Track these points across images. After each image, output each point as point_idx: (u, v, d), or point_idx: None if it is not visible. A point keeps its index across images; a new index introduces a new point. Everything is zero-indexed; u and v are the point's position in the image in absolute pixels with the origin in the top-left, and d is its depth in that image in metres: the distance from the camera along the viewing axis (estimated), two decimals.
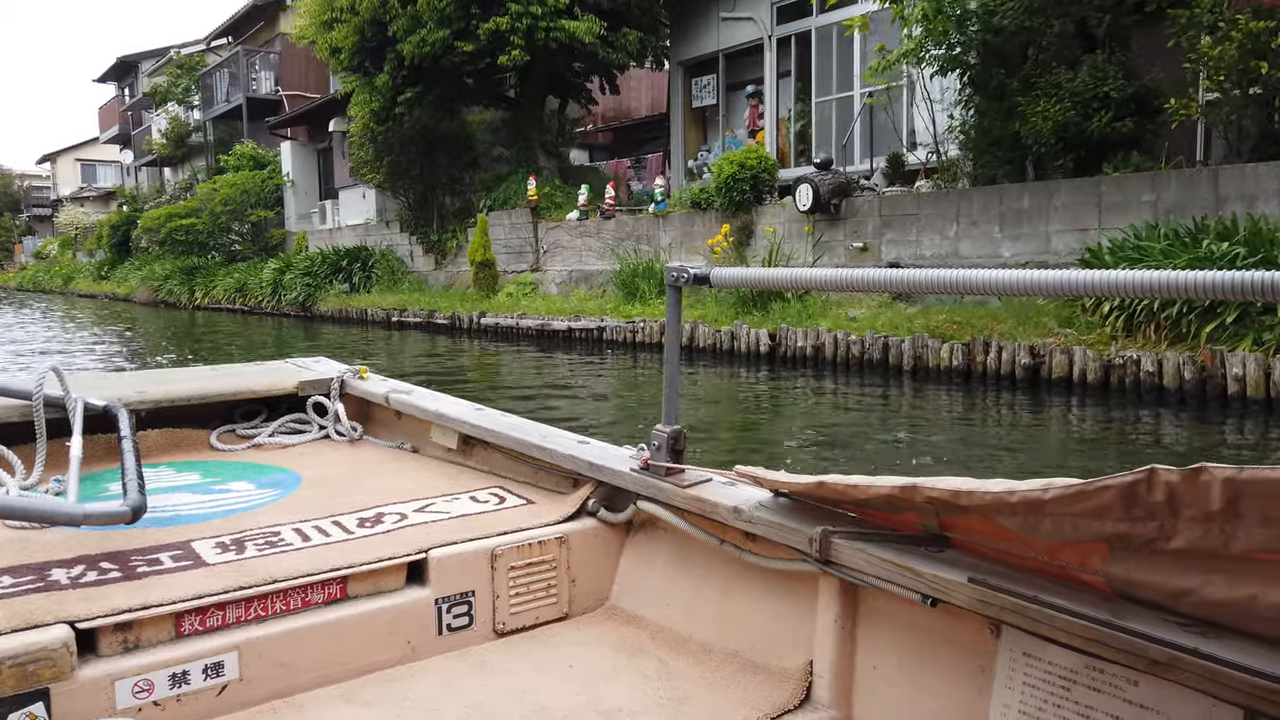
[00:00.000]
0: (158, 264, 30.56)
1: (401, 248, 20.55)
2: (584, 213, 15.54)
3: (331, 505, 2.04)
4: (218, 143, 33.51)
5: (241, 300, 23.31)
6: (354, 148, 20.00)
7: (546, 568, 1.87)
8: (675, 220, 13.83)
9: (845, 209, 11.21)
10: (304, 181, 26.88)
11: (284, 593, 1.61)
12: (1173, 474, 1.05)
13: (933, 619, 1.41)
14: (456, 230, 19.17)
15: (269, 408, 2.85)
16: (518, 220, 16.90)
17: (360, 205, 23.53)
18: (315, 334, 17.76)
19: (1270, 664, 1.03)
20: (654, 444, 1.87)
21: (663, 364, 1.92)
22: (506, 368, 11.71)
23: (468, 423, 2.40)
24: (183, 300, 26.20)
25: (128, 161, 43.93)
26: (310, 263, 20.48)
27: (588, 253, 15.36)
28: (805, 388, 9.02)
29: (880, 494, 1.39)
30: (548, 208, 16.55)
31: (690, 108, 17.51)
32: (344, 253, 20.49)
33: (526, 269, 16.69)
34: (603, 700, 1.56)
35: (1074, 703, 1.23)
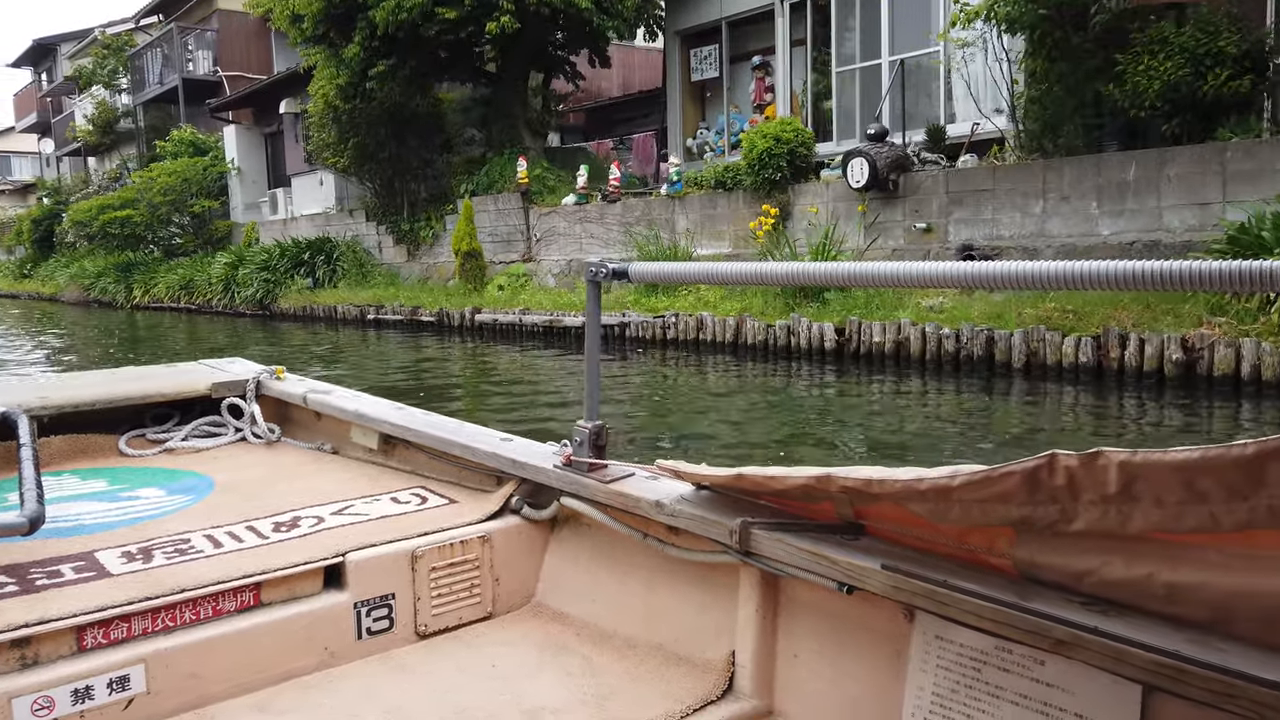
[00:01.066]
0: (88, 260, 28.18)
1: (368, 239, 18.86)
2: (583, 196, 14.13)
3: (246, 510, 2.01)
4: (150, 129, 31.11)
5: (188, 298, 21.32)
6: (314, 129, 18.23)
7: (469, 567, 1.85)
8: (693, 202, 12.52)
9: (904, 185, 10.03)
10: (251, 169, 24.86)
11: (193, 602, 1.57)
12: (1072, 459, 1.07)
13: (849, 606, 1.43)
14: (432, 218, 17.57)
15: (181, 411, 2.76)
16: (506, 206, 15.41)
17: (317, 193, 21.70)
18: (277, 335, 16.04)
19: (1166, 641, 1.06)
20: (576, 440, 1.85)
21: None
22: (519, 373, 10.28)
23: (388, 422, 2.36)
24: (119, 299, 24.02)
25: (48, 151, 40.91)
26: (267, 256, 18.66)
27: (590, 240, 13.95)
28: (888, 390, 7.81)
29: (797, 484, 1.41)
30: (539, 191, 15.10)
31: (689, 82, 16.18)
32: (305, 245, 18.71)
33: (518, 259, 15.21)
34: (526, 699, 1.55)
35: (984, 683, 1.25)
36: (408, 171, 18.03)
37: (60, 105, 41.72)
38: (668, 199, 12.84)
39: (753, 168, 11.21)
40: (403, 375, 10.49)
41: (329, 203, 21.28)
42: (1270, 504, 0.95)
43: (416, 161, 18.06)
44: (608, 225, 13.63)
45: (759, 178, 11.19)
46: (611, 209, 13.60)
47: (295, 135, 22.23)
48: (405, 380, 9.94)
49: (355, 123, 17.31)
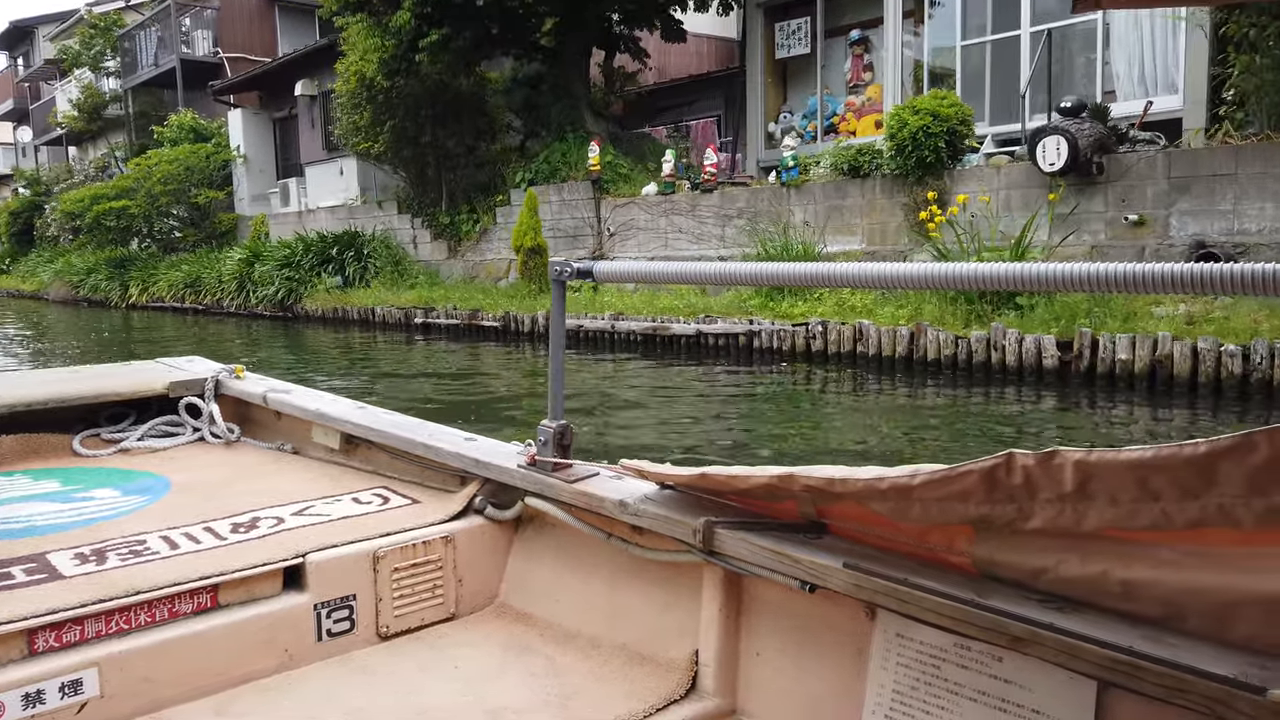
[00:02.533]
0: (76, 255, 26.09)
1: (401, 233, 17.05)
2: (669, 185, 12.43)
3: (203, 511, 1.99)
4: (139, 115, 29.05)
5: (194, 298, 19.39)
6: (342, 111, 16.40)
7: (432, 568, 1.83)
8: (813, 191, 10.88)
9: (1110, 169, 8.44)
10: (258, 157, 22.92)
11: (149, 604, 1.55)
12: (1029, 458, 1.09)
13: (812, 604, 1.44)
14: (478, 210, 15.81)
15: (138, 411, 2.72)
16: (572, 196, 13.69)
17: (336, 183, 19.85)
18: (306, 341, 14.23)
19: (1120, 637, 1.07)
20: (540, 439, 1.84)
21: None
22: (644, 396, 8.58)
23: (350, 422, 2.34)
24: (114, 298, 22.01)
25: (25, 140, 38.54)
26: (289, 251, 16.80)
27: (677, 235, 12.28)
28: (1163, 423, 6.22)
29: (760, 484, 1.42)
30: (612, 180, 13.39)
31: (771, 60, 14.53)
32: (332, 239, 16.87)
33: (585, 256, 13.50)
34: (489, 699, 1.55)
35: (944, 680, 1.27)
36: (449, 159, 16.26)
37: (38, 91, 39.36)
38: (779, 188, 11.19)
39: (901, 150, 9.57)
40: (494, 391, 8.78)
41: (350, 193, 19.43)
42: (1220, 502, 0.98)
43: (458, 148, 16.30)
44: (700, 218, 11.96)
45: (907, 161, 9.56)
46: (706, 199, 11.93)
47: (312, 119, 20.36)
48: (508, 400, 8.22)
49: (393, 104, 15.51)
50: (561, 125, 14.51)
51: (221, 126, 23.69)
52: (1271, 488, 0.94)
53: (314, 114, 20.26)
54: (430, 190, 16.86)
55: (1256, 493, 0.95)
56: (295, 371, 10.76)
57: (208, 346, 14.20)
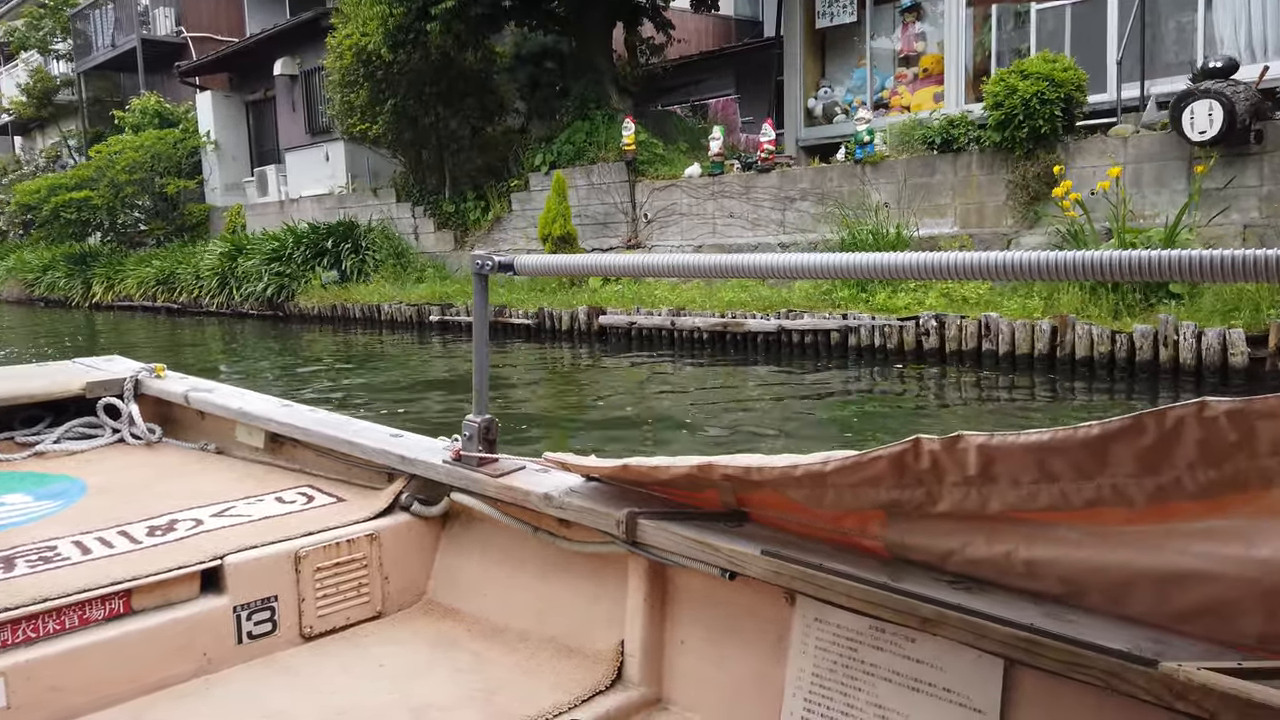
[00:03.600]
0: (29, 251, 24.21)
1: (401, 222, 15.68)
2: (718, 164, 11.28)
3: (119, 514, 1.95)
4: (93, 101, 27.15)
5: (167, 295, 17.81)
6: (334, 90, 14.98)
7: (357, 566, 1.82)
8: (894, 169, 9.80)
9: (1268, 137, 7.47)
10: (230, 143, 21.30)
11: (57, 611, 1.52)
12: (935, 443, 1.12)
13: (733, 592, 1.46)
14: (490, 197, 14.51)
15: (54, 413, 2.65)
16: (603, 179, 12.47)
17: (321, 170, 18.38)
18: (302, 343, 12.87)
19: (1024, 615, 1.11)
20: (465, 434, 1.83)
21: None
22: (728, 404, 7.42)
23: (274, 420, 2.31)
24: (74, 297, 20.29)
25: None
26: (278, 244, 15.34)
27: (728, 220, 11.14)
28: None
29: (681, 473, 1.44)
30: (648, 161, 12.20)
31: (811, 30, 13.41)
32: (325, 229, 15.45)
33: (619, 244, 12.31)
34: (413, 697, 1.54)
35: (860, 662, 1.29)
36: (455, 141, 14.93)
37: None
38: (849, 166, 10.10)
39: (1008, 120, 8.52)
40: (550, 402, 7.58)
41: (338, 181, 17.98)
42: (1114, 482, 1.02)
43: (462, 129, 14.98)
44: (756, 201, 10.83)
45: (1016, 133, 8.51)
46: (762, 180, 10.80)
47: (293, 101, 18.85)
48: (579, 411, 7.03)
49: (394, 80, 14.14)
50: (585, 102, 13.26)
51: (189, 111, 22.01)
52: (1160, 467, 0.99)
53: (295, 95, 18.75)
54: (431, 176, 15.52)
55: (1146, 472, 1.00)
56: (301, 380, 9.45)
57: (191, 353, 12.78)
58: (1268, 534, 0.98)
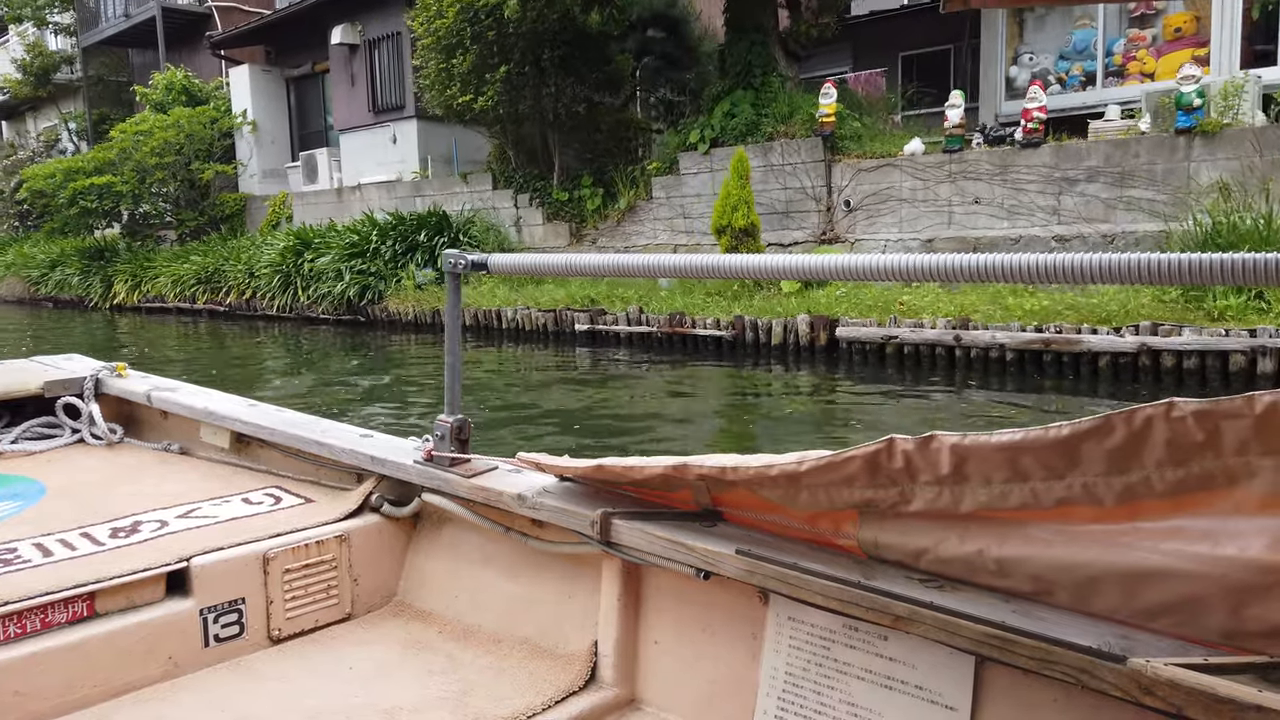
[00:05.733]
0: (31, 244, 21.60)
1: (502, 212, 13.44)
2: (955, 139, 9.18)
3: (81, 516, 1.91)
4: (96, 80, 24.56)
5: (211, 296, 15.42)
6: (425, 54, 12.70)
7: (326, 568, 1.79)
8: (1239, 141, 7.74)
9: None
10: (269, 124, 18.88)
11: (18, 615, 1.49)
12: (908, 442, 1.13)
13: (707, 592, 1.45)
14: (619, 182, 12.32)
15: (11, 412, 2.61)
16: (786, 159, 10.34)
17: (386, 153, 16.06)
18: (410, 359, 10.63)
19: (995, 612, 1.11)
20: (437, 434, 1.82)
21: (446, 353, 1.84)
22: None
23: (240, 419, 2.27)
24: (93, 297, 17.78)
25: None
26: (358, 237, 13.03)
27: (971, 207, 9.06)
28: None
29: (655, 473, 1.44)
30: (851, 137, 10.08)
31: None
32: (415, 220, 13.16)
33: (808, 238, 10.19)
34: (384, 700, 1.52)
35: (833, 661, 1.30)
36: (572, 117, 12.72)
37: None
38: (1162, 138, 8.04)
39: None
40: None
41: (408, 165, 15.69)
42: (1084, 481, 1.04)
43: (578, 102, 12.78)
44: (1017, 182, 8.75)
45: None
46: (1027, 157, 8.72)
47: (352, 75, 16.50)
48: None
49: (508, 43, 11.91)
50: (749, 67, 11.11)
51: (218, 88, 19.56)
52: (1129, 466, 1.01)
53: (355, 68, 16.40)
54: (538, 159, 13.30)
55: (1115, 471, 1.02)
56: (562, 421, 7.24)
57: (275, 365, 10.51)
58: (1232, 532, 0.99)
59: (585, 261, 1.65)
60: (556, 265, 1.68)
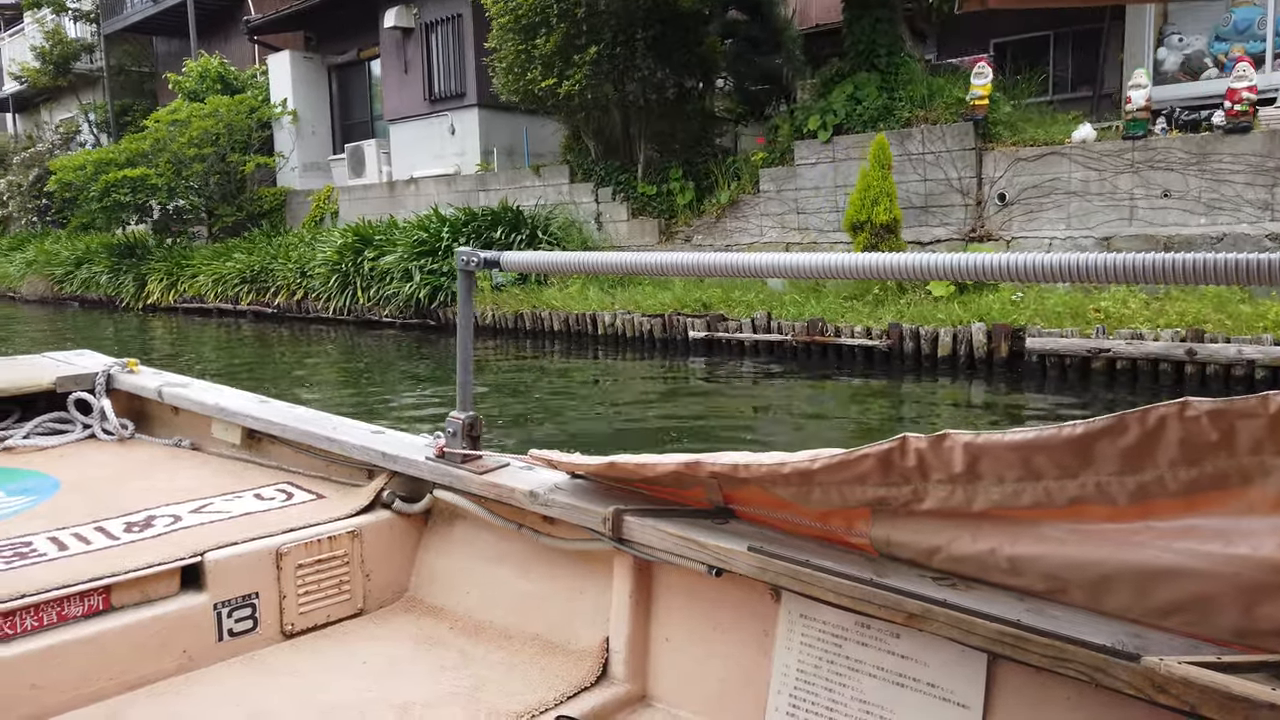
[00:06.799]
0: (53, 240, 20.52)
1: (582, 207, 12.37)
2: (1138, 124, 8.11)
3: (95, 510, 1.92)
4: (117, 70, 23.49)
5: (257, 297, 14.34)
6: (501, 35, 11.63)
7: (338, 563, 1.81)
8: None
9: None
10: (311, 115, 17.80)
11: (34, 608, 1.50)
12: (921, 441, 1.14)
13: (719, 588, 1.45)
14: (717, 174, 11.26)
15: (22, 407, 2.63)
16: (929, 147, 9.27)
17: (443, 145, 15.00)
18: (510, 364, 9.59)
19: (1008, 610, 1.12)
20: (449, 430, 1.83)
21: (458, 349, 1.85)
22: None
23: (251, 416, 2.29)
24: (125, 297, 16.69)
25: None
26: (427, 234, 11.95)
27: (1159, 201, 7.99)
28: None
29: (667, 471, 1.45)
30: (1002, 124, 9.01)
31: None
32: (488, 216, 12.08)
33: (951, 235, 9.13)
34: (397, 695, 1.53)
35: (845, 658, 1.31)
36: (661, 104, 11.65)
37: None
38: None
39: None
40: None
41: (467, 157, 14.63)
42: (1097, 480, 1.04)
43: (669, 88, 11.72)
44: (1217, 173, 7.68)
45: None
46: (1233, 144, 7.65)
47: (406, 62, 15.42)
48: None
49: (598, 22, 10.86)
50: (873, 47, 10.03)
51: (254, 75, 18.47)
52: (1142, 465, 1.01)
53: (409, 54, 15.33)
54: (619, 149, 12.23)
55: (1129, 470, 1.02)
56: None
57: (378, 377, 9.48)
58: (1246, 531, 0.99)
59: (607, 260, 1.60)
60: (571, 263, 1.65)
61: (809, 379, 7.95)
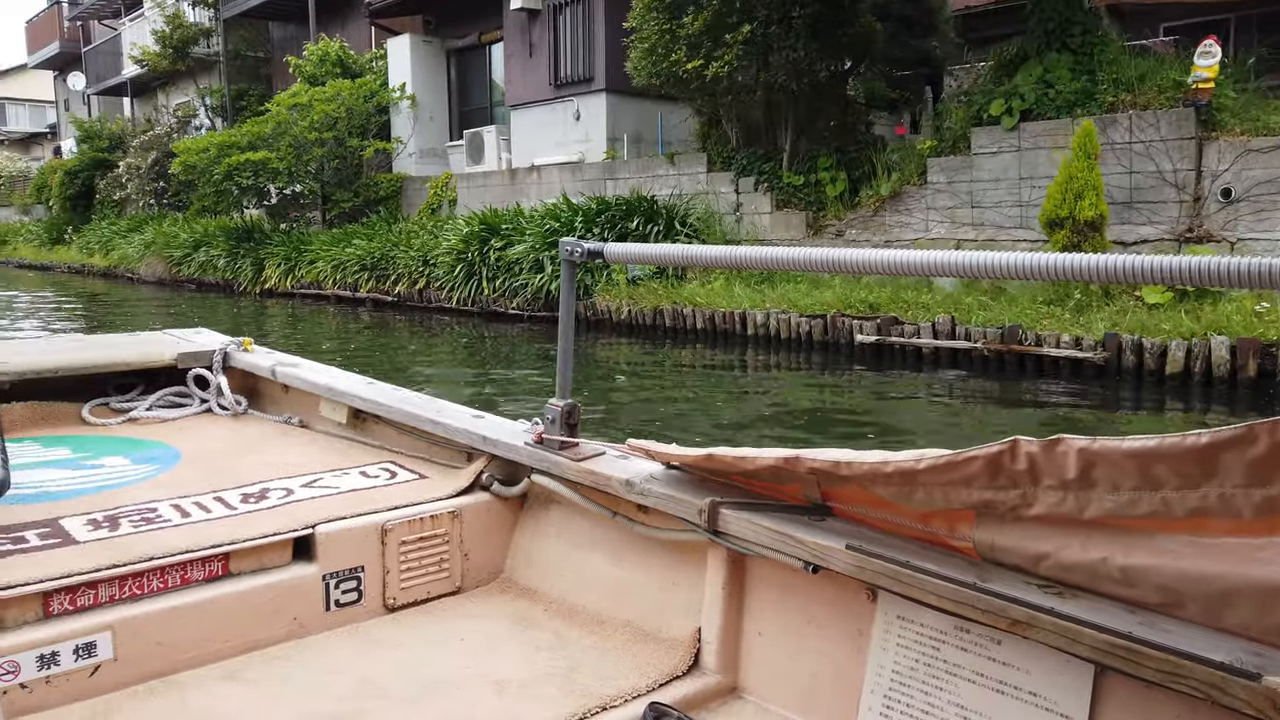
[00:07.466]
0: (170, 223, 20.72)
1: (722, 198, 11.66)
2: None
3: (213, 481, 2.00)
4: (232, 55, 23.63)
5: (376, 285, 14.03)
6: (643, 14, 10.98)
7: (438, 542, 1.85)
8: None
9: None
10: (429, 100, 17.47)
11: (161, 570, 1.56)
12: (1033, 445, 1.10)
13: (814, 585, 1.44)
14: (876, 164, 10.42)
15: (146, 381, 2.73)
16: (1134, 136, 8.28)
17: (567, 131, 14.45)
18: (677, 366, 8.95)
19: (1119, 622, 1.08)
20: (548, 417, 1.85)
21: (559, 338, 1.87)
22: None
23: (358, 396, 2.34)
24: (242, 281, 16.64)
25: (78, 87, 32.97)
26: (558, 224, 11.40)
27: None
28: None
29: (766, 465, 1.44)
30: (1226, 110, 7.99)
31: None
32: (621, 205, 11.48)
33: (1162, 235, 8.14)
34: (494, 671, 1.56)
35: (943, 662, 1.27)
36: (815, 88, 10.86)
37: (90, 32, 33.86)
38: None
39: None
40: None
41: (592, 144, 14.06)
42: (1221, 493, 0.98)
43: (824, 71, 10.92)
44: None
45: None
46: None
47: (531, 45, 14.92)
48: None
49: (749, 2, 10.12)
50: (1064, 25, 9.06)
51: (373, 60, 18.24)
52: (1270, 479, 0.95)
53: (535, 36, 14.82)
54: (761, 137, 11.48)
55: (1256, 484, 0.96)
56: None
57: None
58: None
59: (714, 253, 1.59)
60: (675, 255, 1.65)
61: (1000, 393, 7.10)
